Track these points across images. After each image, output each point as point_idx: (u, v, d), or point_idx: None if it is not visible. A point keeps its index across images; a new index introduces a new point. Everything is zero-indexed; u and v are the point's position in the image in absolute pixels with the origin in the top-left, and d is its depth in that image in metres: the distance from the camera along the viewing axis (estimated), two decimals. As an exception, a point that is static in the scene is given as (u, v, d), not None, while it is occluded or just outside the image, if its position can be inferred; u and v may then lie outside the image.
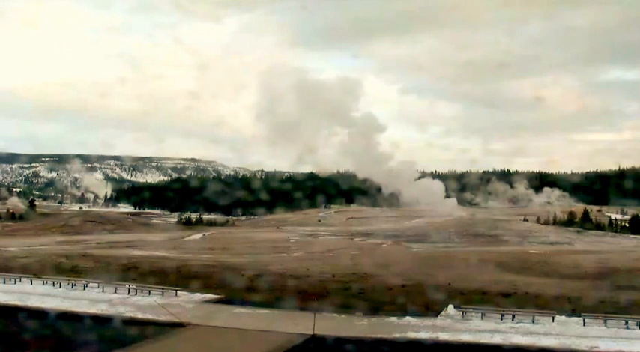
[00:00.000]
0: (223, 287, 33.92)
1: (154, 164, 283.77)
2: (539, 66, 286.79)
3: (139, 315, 27.41)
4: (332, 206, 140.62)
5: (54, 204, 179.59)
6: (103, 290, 32.75)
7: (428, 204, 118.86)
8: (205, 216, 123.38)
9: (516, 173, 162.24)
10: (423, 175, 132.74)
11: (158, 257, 49.09)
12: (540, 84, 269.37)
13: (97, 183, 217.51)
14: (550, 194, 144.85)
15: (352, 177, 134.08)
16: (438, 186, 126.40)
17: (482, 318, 27.38)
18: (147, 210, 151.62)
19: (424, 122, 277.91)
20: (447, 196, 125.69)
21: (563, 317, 27.01)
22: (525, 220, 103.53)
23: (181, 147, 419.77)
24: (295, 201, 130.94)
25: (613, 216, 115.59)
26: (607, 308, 28.42)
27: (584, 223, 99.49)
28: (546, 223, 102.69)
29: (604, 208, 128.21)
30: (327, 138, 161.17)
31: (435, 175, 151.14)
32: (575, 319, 26.75)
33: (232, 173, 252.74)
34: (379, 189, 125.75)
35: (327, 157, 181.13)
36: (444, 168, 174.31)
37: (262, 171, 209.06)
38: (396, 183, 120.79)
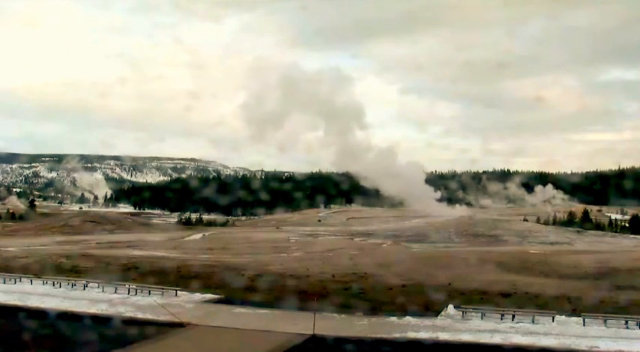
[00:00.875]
0: (223, 287, 33.92)
1: (154, 164, 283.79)
2: (539, 66, 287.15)
3: (139, 315, 27.40)
4: (332, 206, 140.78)
5: (54, 204, 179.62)
6: (103, 290, 32.74)
7: (406, 199, 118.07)
8: (205, 216, 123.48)
9: (516, 173, 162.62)
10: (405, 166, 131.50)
11: (158, 257, 49.07)
12: (540, 84, 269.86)
13: (95, 183, 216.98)
14: (544, 192, 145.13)
15: (349, 177, 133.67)
16: (418, 175, 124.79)
17: (482, 318, 27.37)
18: (147, 210, 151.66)
19: (424, 122, 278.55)
20: (436, 190, 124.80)
21: (563, 317, 26.99)
22: (525, 220, 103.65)
23: (181, 147, 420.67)
24: (295, 201, 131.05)
25: (613, 216, 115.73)
26: (607, 308, 28.41)
27: (584, 223, 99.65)
28: (546, 223, 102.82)
29: (604, 208, 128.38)
30: (307, 135, 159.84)
31: (435, 175, 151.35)
32: (575, 319, 26.73)
33: (232, 173, 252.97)
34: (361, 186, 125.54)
35: (307, 155, 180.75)
36: (444, 168, 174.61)
37: (262, 171, 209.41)
38: (375, 175, 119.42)
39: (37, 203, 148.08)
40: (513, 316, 27.22)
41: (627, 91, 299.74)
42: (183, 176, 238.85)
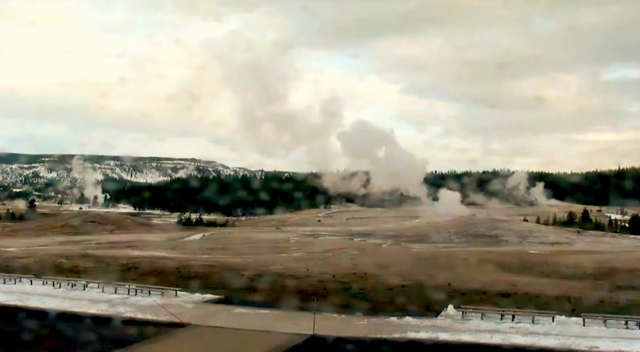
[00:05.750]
0: (223, 287, 33.94)
1: (153, 164, 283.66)
2: (541, 66, 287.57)
3: (139, 315, 27.42)
4: (332, 206, 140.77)
5: (54, 205, 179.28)
6: (102, 291, 32.74)
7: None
8: (205, 217, 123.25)
9: (516, 173, 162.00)
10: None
11: (158, 257, 49.07)
12: (541, 84, 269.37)
13: (91, 184, 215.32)
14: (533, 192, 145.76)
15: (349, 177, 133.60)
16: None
17: (482, 318, 27.38)
18: (147, 211, 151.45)
19: (424, 122, 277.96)
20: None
21: (563, 317, 27.00)
22: (525, 220, 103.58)
23: (181, 147, 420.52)
24: (295, 201, 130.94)
25: (613, 216, 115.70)
26: (607, 308, 28.45)
27: (584, 223, 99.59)
28: (546, 223, 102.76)
29: (604, 208, 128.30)
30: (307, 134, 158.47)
31: (435, 175, 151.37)
32: (575, 319, 26.74)
33: (232, 173, 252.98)
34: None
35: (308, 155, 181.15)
36: (444, 168, 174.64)
37: (262, 171, 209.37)
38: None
39: (37, 203, 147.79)
40: (513, 316, 27.23)
41: (630, 91, 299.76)
42: (183, 176, 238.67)
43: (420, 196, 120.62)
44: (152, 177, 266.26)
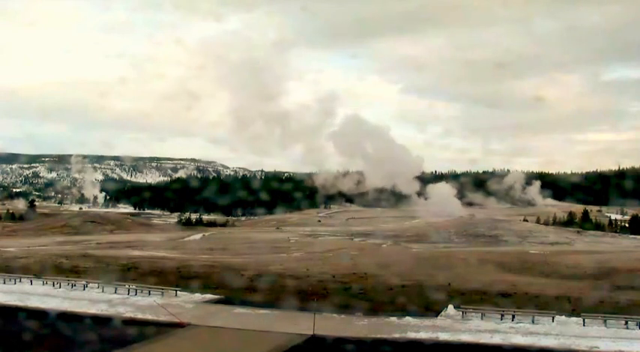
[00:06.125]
0: (223, 287, 33.94)
1: (153, 164, 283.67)
2: (541, 66, 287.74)
3: (139, 315, 27.43)
4: (332, 206, 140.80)
5: (54, 205, 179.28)
6: (102, 291, 32.75)
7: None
8: (205, 217, 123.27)
9: (513, 173, 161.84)
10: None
11: (158, 257, 49.05)
12: (541, 84, 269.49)
13: (90, 184, 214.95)
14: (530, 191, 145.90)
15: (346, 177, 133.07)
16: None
17: (482, 318, 27.39)
18: (147, 211, 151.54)
19: (424, 122, 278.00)
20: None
21: (563, 317, 27.00)
22: (525, 220, 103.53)
23: (181, 147, 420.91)
24: (295, 201, 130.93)
25: (613, 216, 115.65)
26: (607, 308, 28.44)
27: (584, 223, 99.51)
28: (546, 223, 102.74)
29: (604, 208, 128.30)
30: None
31: (435, 175, 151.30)
32: (575, 319, 26.74)
33: (232, 173, 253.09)
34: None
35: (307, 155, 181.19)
36: (444, 168, 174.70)
37: (262, 171, 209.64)
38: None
39: (37, 203, 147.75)
40: (513, 316, 27.24)
41: (630, 91, 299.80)
42: (183, 176, 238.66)
43: (410, 194, 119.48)
44: (152, 177, 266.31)
